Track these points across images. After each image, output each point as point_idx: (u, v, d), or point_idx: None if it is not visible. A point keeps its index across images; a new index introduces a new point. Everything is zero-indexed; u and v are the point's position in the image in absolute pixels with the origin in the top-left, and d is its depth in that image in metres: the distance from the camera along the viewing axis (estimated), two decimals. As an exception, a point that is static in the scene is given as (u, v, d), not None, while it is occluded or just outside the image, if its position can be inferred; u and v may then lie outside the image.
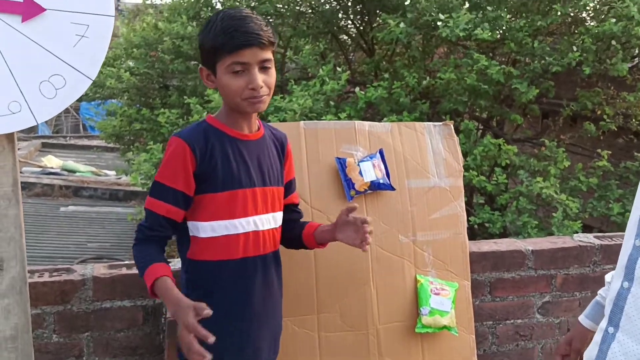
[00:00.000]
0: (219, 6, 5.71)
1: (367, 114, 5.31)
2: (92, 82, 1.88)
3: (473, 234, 6.03)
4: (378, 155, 2.44)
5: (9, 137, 1.88)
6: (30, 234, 7.63)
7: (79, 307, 2.20)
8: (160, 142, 5.02)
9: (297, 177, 2.41)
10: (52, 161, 9.97)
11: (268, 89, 1.68)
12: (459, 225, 2.55)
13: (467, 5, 5.46)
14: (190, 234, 1.78)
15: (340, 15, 5.93)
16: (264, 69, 1.66)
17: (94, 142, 12.02)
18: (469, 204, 6.15)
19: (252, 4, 5.60)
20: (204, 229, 1.74)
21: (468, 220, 5.70)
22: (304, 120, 4.55)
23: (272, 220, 1.84)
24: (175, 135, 1.72)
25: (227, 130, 1.75)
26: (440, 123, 2.65)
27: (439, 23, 4.91)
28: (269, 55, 1.66)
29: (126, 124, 5.53)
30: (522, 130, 6.55)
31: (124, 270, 2.28)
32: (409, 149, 2.54)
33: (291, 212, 2.02)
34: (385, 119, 4.79)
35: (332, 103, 4.98)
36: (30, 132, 13.79)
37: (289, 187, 1.98)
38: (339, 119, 4.70)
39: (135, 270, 2.27)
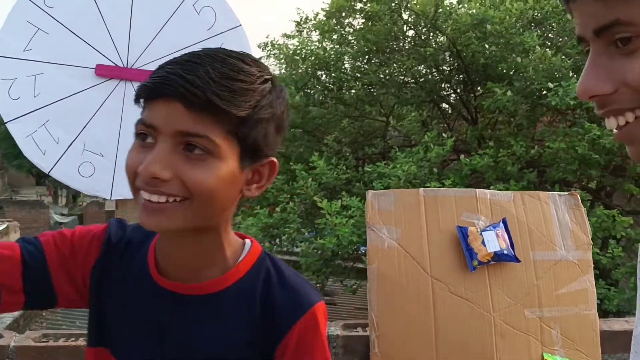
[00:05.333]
0: (324, 77, 5.92)
1: (471, 181, 5.21)
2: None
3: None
4: (501, 224, 2.37)
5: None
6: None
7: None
8: (266, 207, 5.15)
9: (416, 245, 2.37)
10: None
11: (185, 189, 0.85)
12: (588, 301, 2.39)
13: (571, 73, 5.34)
14: None
15: (442, 84, 5.97)
16: (188, 150, 0.85)
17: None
18: (580, 279, 5.79)
19: (357, 75, 5.76)
20: None
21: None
22: (408, 187, 4.54)
23: None
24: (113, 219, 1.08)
25: (151, 262, 0.98)
26: (566, 193, 2.55)
27: (547, 92, 4.82)
28: (203, 129, 0.84)
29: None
30: (636, 202, 6.19)
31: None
32: (533, 219, 2.44)
33: None
34: (491, 187, 4.67)
35: (435, 170, 4.94)
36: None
37: None
38: (443, 185, 4.64)
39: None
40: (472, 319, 2.28)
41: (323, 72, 5.86)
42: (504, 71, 5.22)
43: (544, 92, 4.88)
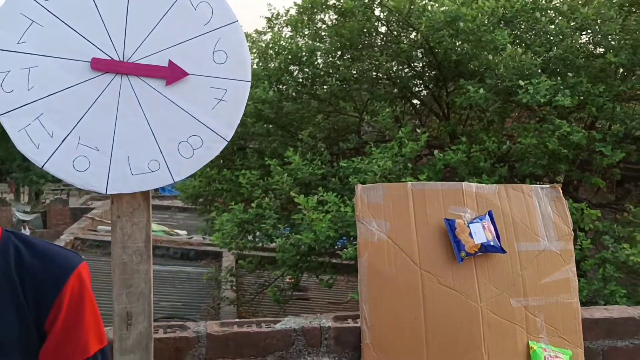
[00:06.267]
0: (297, 73, 5.92)
1: (444, 175, 5.31)
2: (227, 142, 1.96)
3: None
4: (487, 217, 2.43)
5: (145, 195, 1.97)
6: (102, 291, 7.74)
7: (193, 364, 2.22)
8: (241, 202, 5.14)
9: (405, 238, 2.41)
10: (124, 220, 10.16)
11: None
12: (570, 290, 2.48)
13: (540, 70, 5.48)
14: None
15: (414, 81, 6.04)
16: None
17: (165, 202, 12.38)
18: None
19: (330, 71, 5.78)
20: None
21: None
22: (384, 182, 4.59)
23: None
24: None
25: None
26: (548, 186, 2.63)
27: (518, 89, 4.93)
28: None
29: (205, 184, 5.70)
30: (601, 195, 6.40)
31: (236, 328, 2.29)
32: (517, 211, 2.51)
33: None
34: (464, 181, 4.76)
35: (409, 165, 5.01)
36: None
37: None
38: (418, 180, 4.71)
39: (246, 328, 2.30)
40: (460, 308, 2.34)
41: (296, 68, 5.87)
42: (476, 68, 5.32)
43: (515, 89, 4.99)
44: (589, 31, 5.57)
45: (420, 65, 5.88)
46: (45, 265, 0.95)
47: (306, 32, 6.05)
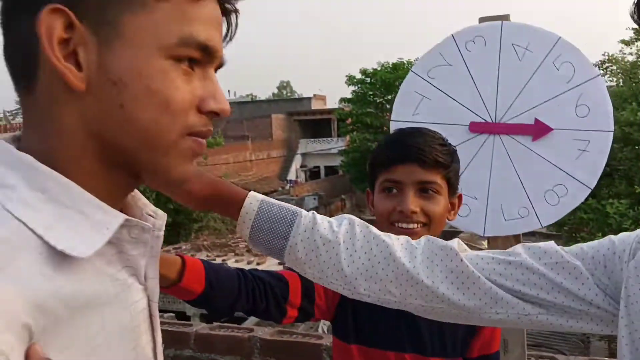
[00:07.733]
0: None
1: None
2: (591, 190, 2.11)
3: None
4: None
5: (516, 237, 2.24)
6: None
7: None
8: (608, 233, 4.95)
9: None
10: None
11: (426, 217, 1.32)
12: None
13: None
14: None
15: None
16: (424, 193, 1.32)
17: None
18: None
19: None
20: None
21: None
22: None
23: None
24: None
25: None
26: None
27: None
28: (433, 177, 1.32)
29: (570, 213, 5.65)
30: None
31: None
32: None
33: None
34: None
35: None
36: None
37: None
38: None
39: None
40: None
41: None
42: None
43: None
44: None
45: None
46: None
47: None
